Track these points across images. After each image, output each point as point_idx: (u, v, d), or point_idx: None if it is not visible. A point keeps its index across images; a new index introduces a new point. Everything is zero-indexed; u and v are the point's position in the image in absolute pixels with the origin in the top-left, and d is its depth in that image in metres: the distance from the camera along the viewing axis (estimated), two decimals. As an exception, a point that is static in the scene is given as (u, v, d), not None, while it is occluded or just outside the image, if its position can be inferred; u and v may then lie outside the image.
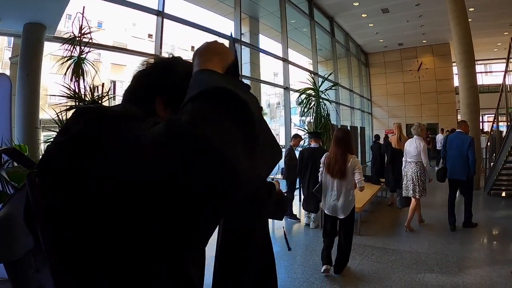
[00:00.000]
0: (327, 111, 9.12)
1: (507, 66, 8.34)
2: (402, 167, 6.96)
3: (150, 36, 28.95)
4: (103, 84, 4.08)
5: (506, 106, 8.70)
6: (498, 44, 19.67)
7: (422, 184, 6.52)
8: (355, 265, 5.01)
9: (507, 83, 8.78)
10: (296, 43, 16.65)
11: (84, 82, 3.93)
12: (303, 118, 9.54)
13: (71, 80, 3.89)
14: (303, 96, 9.04)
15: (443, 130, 17.38)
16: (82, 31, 4.05)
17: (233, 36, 1.48)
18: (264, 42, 14.85)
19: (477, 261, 5.12)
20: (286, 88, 11.38)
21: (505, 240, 6.34)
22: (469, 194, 6.65)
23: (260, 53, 11.89)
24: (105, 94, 3.97)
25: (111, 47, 6.99)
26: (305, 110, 8.96)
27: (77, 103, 3.77)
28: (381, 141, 10.35)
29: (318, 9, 14.76)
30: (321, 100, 9.02)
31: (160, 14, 7.19)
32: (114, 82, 29.54)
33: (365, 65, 22.40)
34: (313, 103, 8.98)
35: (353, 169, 4.58)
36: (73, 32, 4.05)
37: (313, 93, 9.07)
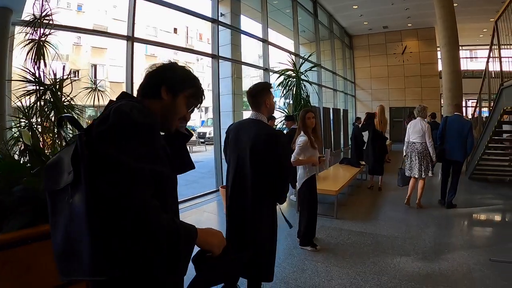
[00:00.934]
0: (307, 92, 9.01)
1: (490, 51, 8.29)
2: (404, 148, 7.27)
3: (131, 18, 28.34)
4: (63, 67, 3.91)
5: (488, 92, 8.71)
6: (484, 30, 19.69)
7: (427, 163, 6.81)
8: (329, 249, 4.95)
9: (490, 69, 8.76)
10: (279, 25, 16.44)
11: (45, 65, 3.77)
12: (282, 99, 9.44)
13: (33, 64, 3.72)
14: (282, 77, 8.92)
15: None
16: (43, 13, 3.85)
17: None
18: (246, 23, 14.62)
19: (455, 247, 5.09)
20: (266, 70, 11.17)
21: (484, 226, 6.41)
22: (458, 174, 7.05)
23: (242, 34, 11.65)
24: (66, 77, 3.81)
25: (74, 28, 6.43)
26: (284, 91, 8.85)
27: (37, 87, 3.61)
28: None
29: (301, -10, 14.44)
30: (301, 81, 8.90)
31: (132, -7, 6.90)
32: (94, 66, 29.13)
33: (349, 48, 22.34)
34: (292, 84, 8.86)
35: None
36: (33, 14, 3.85)
37: (292, 74, 8.94)
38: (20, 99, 3.68)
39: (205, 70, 41.46)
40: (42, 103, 3.66)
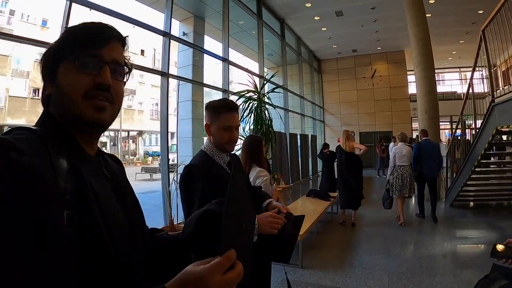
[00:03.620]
0: (270, 116, 7.96)
1: (475, 64, 7.70)
2: (389, 173, 7.82)
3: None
4: None
5: (474, 113, 8.15)
6: (453, 52, 19.84)
7: (413, 183, 7.64)
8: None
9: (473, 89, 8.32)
10: (245, 47, 15.87)
11: None
12: (242, 124, 8.33)
13: None
14: (242, 99, 7.83)
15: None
16: None
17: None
18: (211, 44, 13.84)
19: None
20: (225, 91, 10.31)
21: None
22: (435, 189, 8.05)
23: (206, 55, 10.82)
24: None
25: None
26: (244, 114, 7.73)
27: None
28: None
29: (268, 10, 13.76)
30: (262, 103, 7.87)
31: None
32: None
33: (318, 72, 21.96)
34: (253, 106, 7.80)
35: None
36: None
37: (254, 96, 7.90)
38: None
39: (172, 95, 40.85)
40: None
